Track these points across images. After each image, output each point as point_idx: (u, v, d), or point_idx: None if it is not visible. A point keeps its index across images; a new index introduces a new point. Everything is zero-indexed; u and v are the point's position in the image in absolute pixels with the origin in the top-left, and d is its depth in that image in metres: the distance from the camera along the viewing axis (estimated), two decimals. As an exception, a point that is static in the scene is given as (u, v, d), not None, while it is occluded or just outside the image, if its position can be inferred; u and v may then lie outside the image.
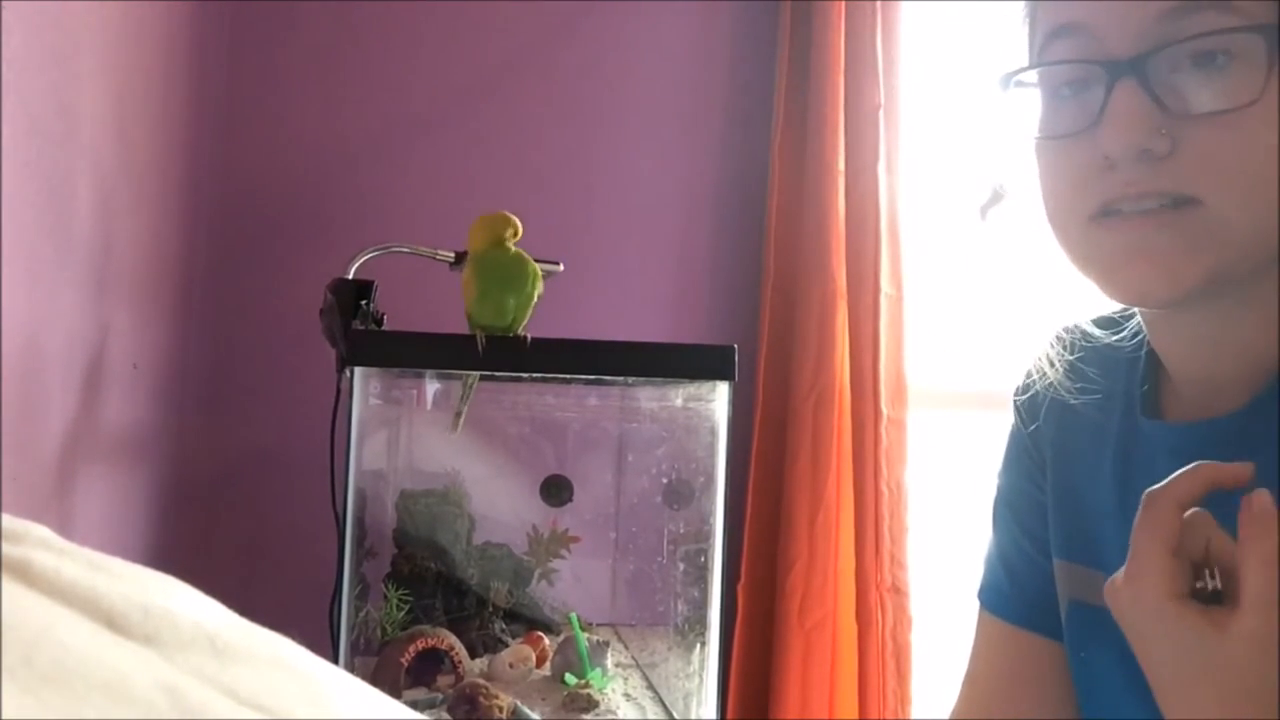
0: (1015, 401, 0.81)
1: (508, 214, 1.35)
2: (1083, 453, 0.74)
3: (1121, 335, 0.73)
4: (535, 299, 1.36)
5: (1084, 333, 0.75)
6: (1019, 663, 0.79)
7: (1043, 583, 0.77)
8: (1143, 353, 0.71)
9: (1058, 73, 0.63)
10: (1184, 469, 0.55)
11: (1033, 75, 0.65)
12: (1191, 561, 0.54)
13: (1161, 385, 0.71)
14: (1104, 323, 0.74)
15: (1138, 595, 0.54)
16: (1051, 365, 0.75)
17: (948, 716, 0.82)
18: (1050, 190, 0.65)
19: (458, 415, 1.47)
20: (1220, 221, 0.58)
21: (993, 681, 0.80)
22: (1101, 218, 0.61)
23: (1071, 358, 0.75)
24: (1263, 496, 0.52)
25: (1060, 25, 0.62)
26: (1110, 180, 0.60)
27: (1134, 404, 0.71)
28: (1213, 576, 0.53)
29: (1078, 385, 0.73)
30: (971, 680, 0.82)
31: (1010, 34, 0.69)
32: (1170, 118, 0.57)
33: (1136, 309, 0.70)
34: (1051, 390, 0.76)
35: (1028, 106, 0.66)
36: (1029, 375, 0.80)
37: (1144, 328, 0.70)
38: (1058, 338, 0.76)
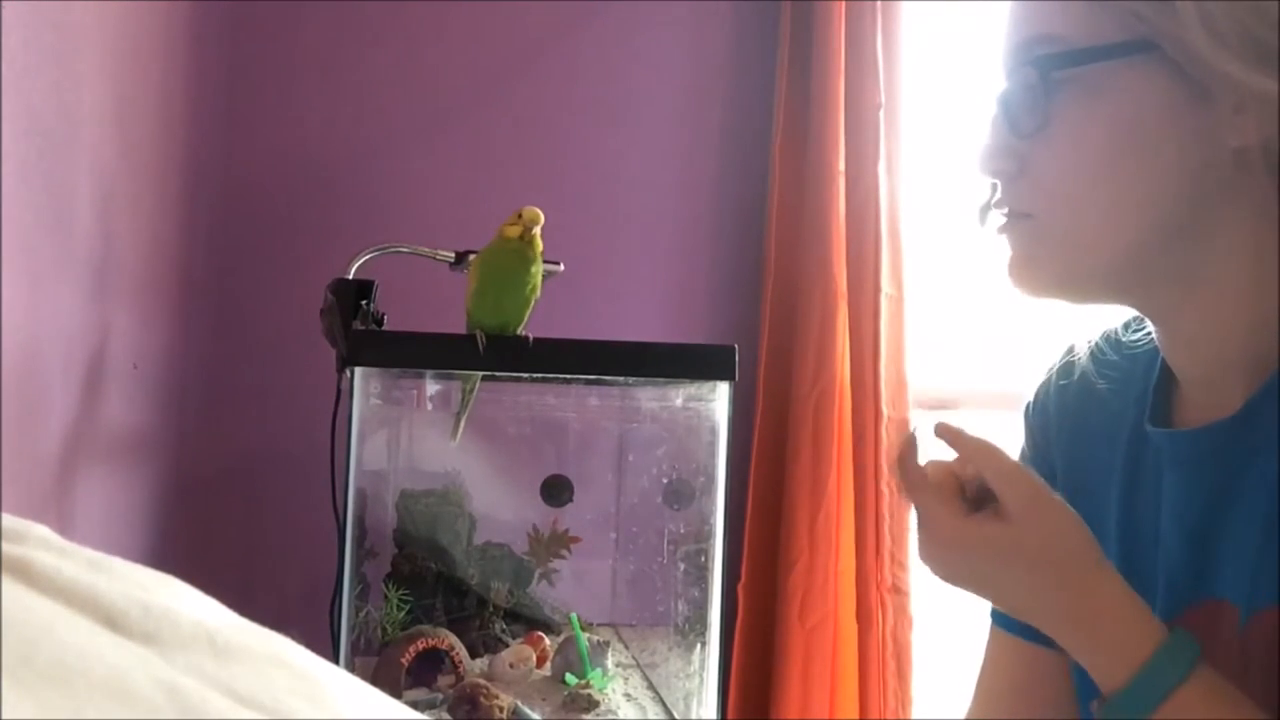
0: (1027, 416, 0.83)
1: (528, 209, 1.34)
2: (1095, 460, 0.76)
3: (1139, 338, 0.74)
4: (535, 292, 1.36)
5: (1115, 335, 0.77)
6: (1027, 675, 0.80)
7: None
8: (1158, 356, 0.72)
9: None
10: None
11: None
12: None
13: (1172, 391, 0.72)
14: (1128, 324, 0.76)
15: (941, 542, 0.67)
16: (1086, 355, 0.78)
17: None
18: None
19: (457, 422, 1.46)
20: (1046, 231, 0.66)
21: (1001, 693, 0.82)
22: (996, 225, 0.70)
23: (1104, 356, 0.77)
24: (942, 426, 0.71)
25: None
26: (990, 196, 0.70)
27: (1144, 410, 0.72)
28: (966, 493, 0.68)
29: (1105, 379, 0.76)
30: (981, 692, 0.83)
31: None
32: (1020, 141, 0.66)
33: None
34: (1072, 389, 0.77)
35: None
36: (1039, 389, 0.82)
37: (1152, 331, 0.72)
38: (1093, 340, 0.79)
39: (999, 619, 0.83)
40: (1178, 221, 0.63)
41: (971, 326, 1.91)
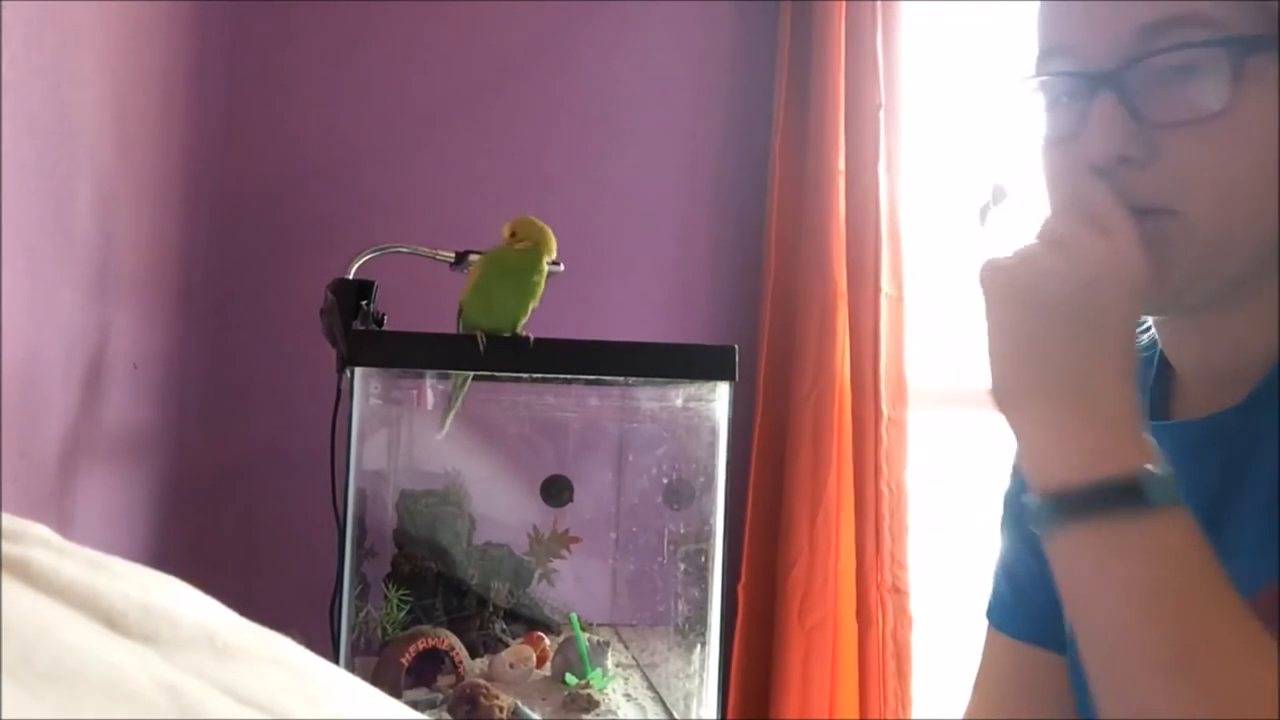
0: None
1: (525, 220, 1.36)
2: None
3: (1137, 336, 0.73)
4: (533, 299, 1.36)
5: None
6: (1023, 677, 0.80)
7: (1047, 597, 0.77)
8: (1155, 353, 0.72)
9: (1054, 83, 0.66)
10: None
11: (1034, 82, 0.68)
12: None
13: (1172, 387, 0.72)
14: None
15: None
16: None
17: None
18: (1050, 190, 0.67)
19: (445, 416, 1.46)
20: (1193, 231, 0.60)
21: (998, 696, 0.81)
22: None
23: None
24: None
25: (1050, 46, 0.65)
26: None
27: (1146, 406, 0.71)
28: None
29: None
30: (978, 693, 0.83)
31: (1023, 34, 0.71)
32: (1148, 128, 0.60)
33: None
34: None
35: (1034, 109, 0.68)
36: None
37: (1154, 329, 0.71)
38: None
39: (996, 619, 0.82)
40: None
41: (971, 326, 1.90)
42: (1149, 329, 0.72)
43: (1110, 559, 0.54)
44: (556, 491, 1.61)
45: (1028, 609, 0.79)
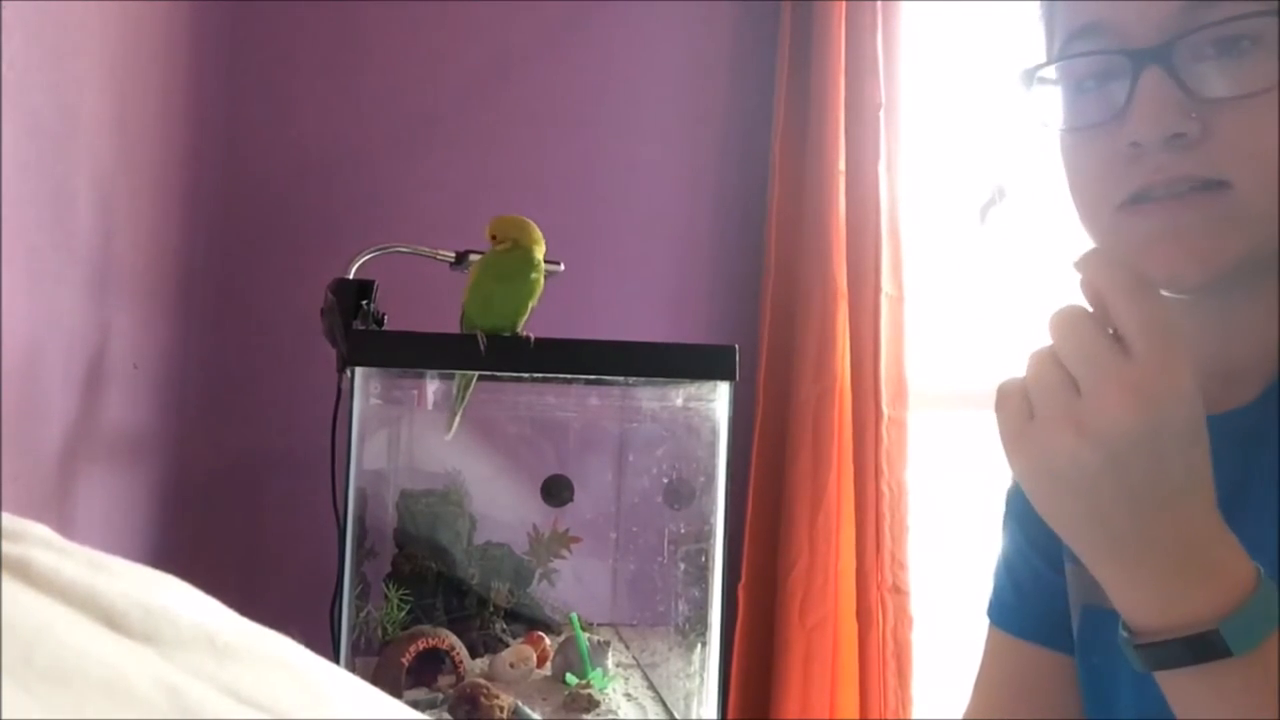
0: None
1: (502, 219, 1.35)
2: None
3: None
4: (532, 302, 1.36)
5: None
6: (1025, 676, 0.79)
7: (1049, 595, 0.77)
8: None
9: (1080, 67, 0.64)
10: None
11: (1053, 71, 0.66)
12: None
13: None
14: None
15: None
16: None
17: None
18: (1076, 181, 0.66)
19: (452, 418, 1.46)
20: (1248, 204, 0.59)
21: (1000, 695, 0.81)
22: (1131, 205, 0.61)
23: None
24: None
25: (1082, 25, 0.63)
26: (1138, 168, 0.60)
27: None
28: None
29: None
30: (979, 692, 0.82)
31: (1026, 33, 0.69)
32: (1198, 103, 0.58)
33: None
34: None
35: (1048, 102, 0.67)
36: None
37: None
38: None
39: (997, 618, 0.82)
40: None
41: (971, 326, 1.91)
42: None
43: (1210, 699, 0.52)
44: (556, 491, 1.61)
45: (1030, 608, 0.79)
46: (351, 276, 1.48)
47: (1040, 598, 0.78)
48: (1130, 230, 0.62)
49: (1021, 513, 0.81)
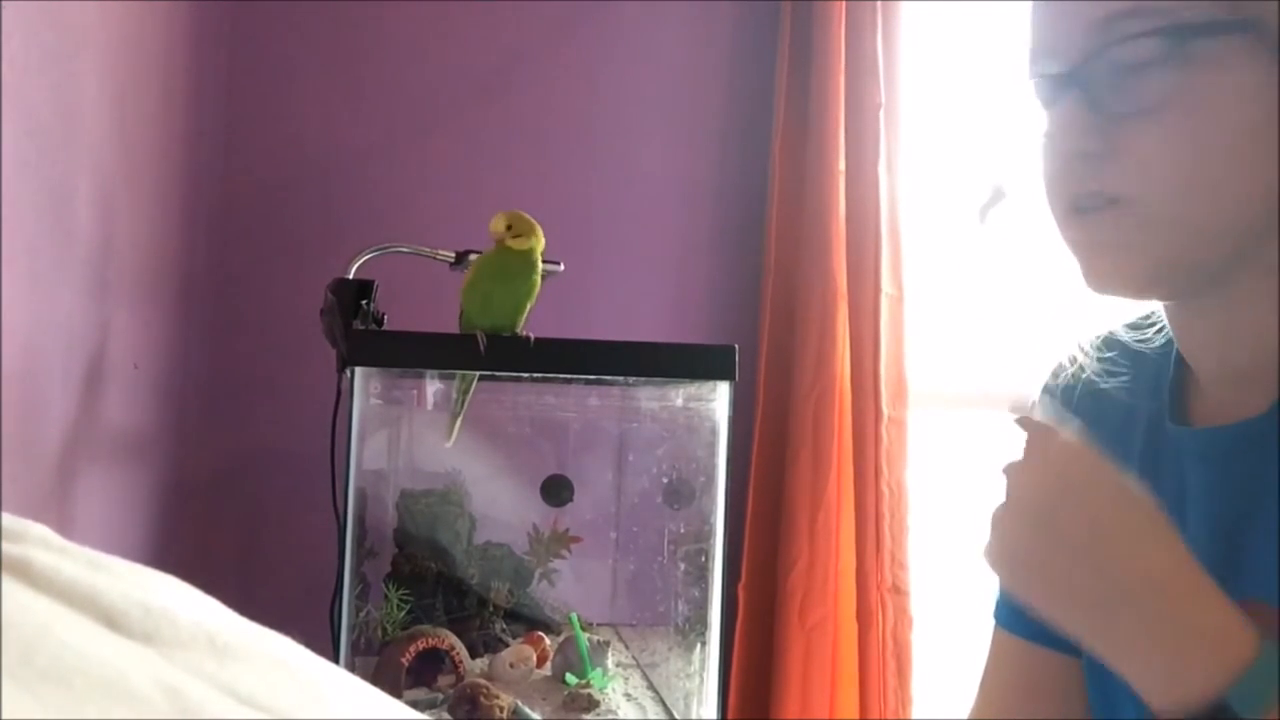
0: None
1: (515, 213, 1.35)
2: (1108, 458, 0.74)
3: (1147, 336, 0.73)
4: (530, 298, 1.36)
5: (1113, 335, 0.76)
6: (1031, 678, 0.79)
7: None
8: (1171, 353, 0.71)
9: (1042, 83, 0.67)
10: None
11: (1031, 83, 0.68)
12: None
13: (1189, 388, 0.71)
14: (1132, 325, 0.75)
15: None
16: (1085, 354, 0.76)
17: None
18: (1042, 185, 0.68)
19: (452, 422, 1.46)
20: (1152, 217, 0.61)
21: (1006, 696, 0.81)
22: (1073, 213, 0.64)
23: (1104, 355, 0.75)
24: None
25: (1032, 49, 0.67)
26: (1071, 179, 0.64)
27: (1161, 409, 0.71)
28: None
29: (1110, 376, 0.74)
30: (984, 694, 0.82)
31: (1020, 34, 0.70)
32: (1106, 121, 0.61)
33: (1158, 310, 0.71)
34: (1078, 390, 0.76)
35: (1036, 107, 0.69)
36: (1041, 398, 0.80)
37: (1168, 327, 0.70)
38: (1089, 342, 0.77)
39: (1004, 621, 0.82)
40: None
41: (971, 326, 1.91)
42: (1163, 328, 0.71)
43: None
44: (556, 491, 1.61)
45: None
46: (351, 276, 1.48)
47: None
48: (1073, 237, 0.65)
49: None
